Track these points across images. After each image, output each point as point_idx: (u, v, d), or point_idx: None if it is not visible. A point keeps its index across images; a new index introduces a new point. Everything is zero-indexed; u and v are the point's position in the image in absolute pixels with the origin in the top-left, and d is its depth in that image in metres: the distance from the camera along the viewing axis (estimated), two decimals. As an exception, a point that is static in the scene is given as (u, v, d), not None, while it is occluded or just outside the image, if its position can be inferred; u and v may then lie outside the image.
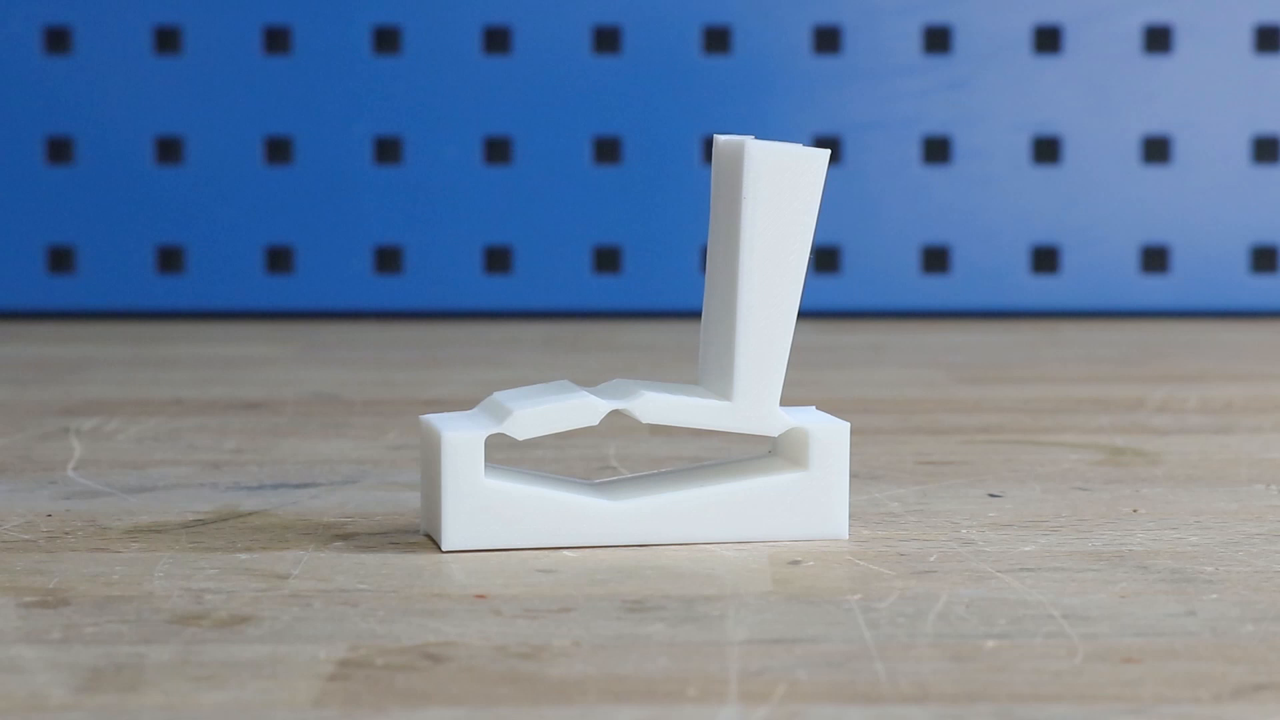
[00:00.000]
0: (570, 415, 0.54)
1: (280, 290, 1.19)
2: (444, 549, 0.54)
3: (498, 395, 0.56)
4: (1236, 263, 1.18)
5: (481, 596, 0.49)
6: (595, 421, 0.54)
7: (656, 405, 0.54)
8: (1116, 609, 0.48)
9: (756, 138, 0.55)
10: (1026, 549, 0.55)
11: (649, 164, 1.18)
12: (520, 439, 0.54)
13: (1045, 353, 1.03)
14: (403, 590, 0.50)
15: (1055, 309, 1.19)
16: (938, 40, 1.17)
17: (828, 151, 0.54)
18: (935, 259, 1.18)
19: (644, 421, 0.54)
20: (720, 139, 0.56)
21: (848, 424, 0.56)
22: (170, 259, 1.19)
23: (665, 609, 0.48)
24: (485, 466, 0.54)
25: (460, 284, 1.19)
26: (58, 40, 1.17)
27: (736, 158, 0.54)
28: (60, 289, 1.19)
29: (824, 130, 1.18)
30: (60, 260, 1.18)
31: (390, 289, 1.19)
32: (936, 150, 1.18)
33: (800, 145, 0.54)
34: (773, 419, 0.55)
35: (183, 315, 1.19)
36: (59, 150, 1.18)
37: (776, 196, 0.54)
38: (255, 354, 1.03)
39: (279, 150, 1.18)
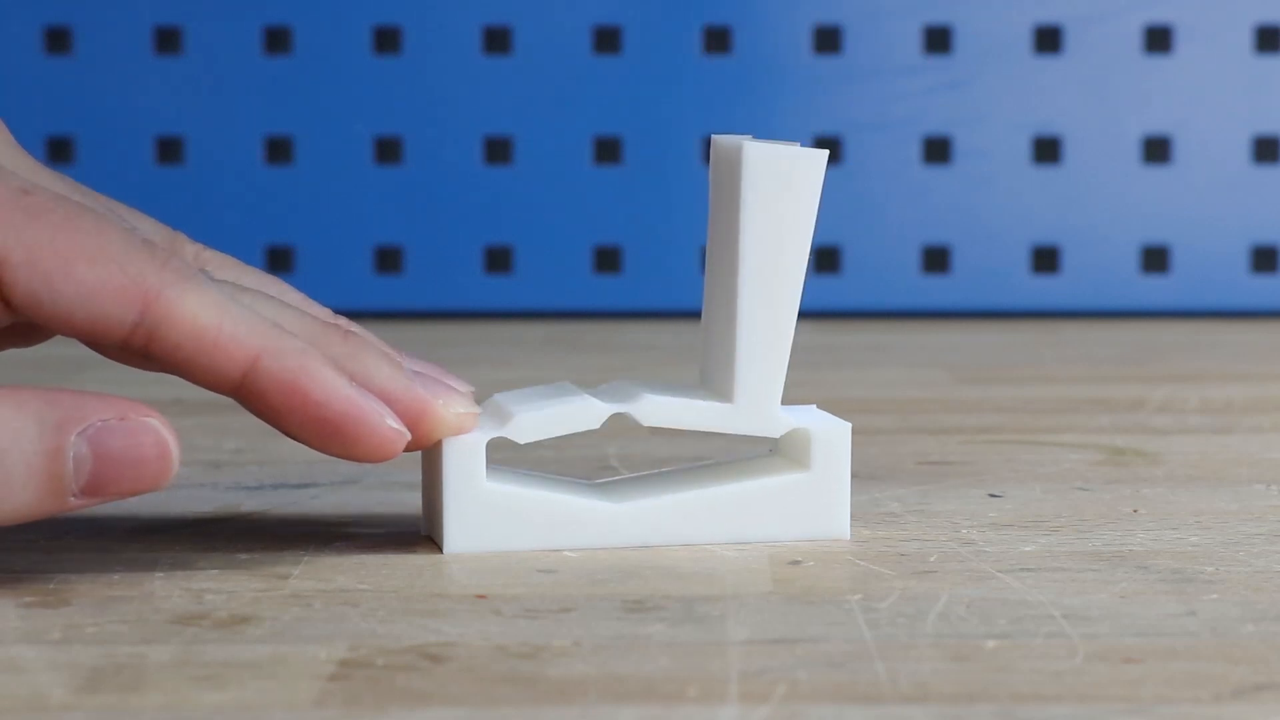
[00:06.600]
0: (572, 419, 0.54)
1: (280, 290, 1.18)
2: (445, 553, 0.54)
3: (498, 397, 0.56)
4: (1236, 263, 1.18)
5: (482, 596, 0.49)
6: (597, 425, 0.54)
7: (657, 408, 0.54)
8: (1117, 609, 0.48)
9: (756, 138, 0.54)
10: (1027, 549, 0.55)
11: (649, 164, 1.18)
12: (522, 443, 0.54)
13: (1045, 353, 1.03)
14: (403, 590, 0.50)
15: (1055, 309, 1.19)
16: (938, 40, 1.17)
17: (826, 152, 0.54)
18: (935, 259, 1.18)
19: (645, 425, 0.54)
20: (718, 139, 0.55)
21: (849, 424, 0.56)
22: (170, 259, 1.18)
23: (665, 609, 0.48)
24: (486, 469, 0.54)
25: (460, 284, 1.19)
26: (58, 40, 1.17)
27: (734, 158, 0.54)
28: (60, 289, 1.18)
29: (824, 130, 1.18)
30: (60, 260, 1.18)
31: (390, 289, 1.19)
32: (936, 150, 1.18)
33: (799, 145, 0.54)
34: (774, 421, 0.55)
35: (183, 315, 1.19)
36: (59, 150, 1.18)
37: (775, 197, 0.54)
38: (255, 354, 1.02)
39: (279, 150, 1.18)
